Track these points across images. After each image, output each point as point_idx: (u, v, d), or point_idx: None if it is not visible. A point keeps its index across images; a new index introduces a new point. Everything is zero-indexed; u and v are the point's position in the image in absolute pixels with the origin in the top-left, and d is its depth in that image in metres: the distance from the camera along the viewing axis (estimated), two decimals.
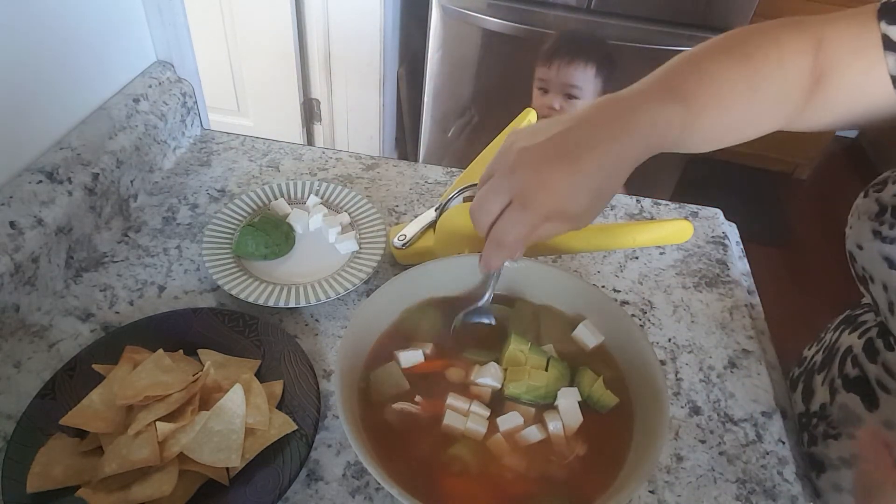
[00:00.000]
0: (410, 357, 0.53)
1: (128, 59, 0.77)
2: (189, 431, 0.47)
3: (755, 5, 1.52)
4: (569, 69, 1.39)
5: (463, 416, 0.49)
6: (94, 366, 0.54)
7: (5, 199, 0.59)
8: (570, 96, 1.41)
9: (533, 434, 0.49)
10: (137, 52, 0.79)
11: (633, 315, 0.68)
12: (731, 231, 0.82)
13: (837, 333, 0.60)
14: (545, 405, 0.51)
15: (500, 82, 1.80)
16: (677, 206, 0.84)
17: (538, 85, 1.45)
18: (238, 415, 0.49)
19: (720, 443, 0.57)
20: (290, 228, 0.70)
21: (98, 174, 0.67)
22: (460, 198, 0.62)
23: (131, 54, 0.78)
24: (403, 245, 0.66)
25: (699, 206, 0.84)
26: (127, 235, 0.71)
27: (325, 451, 0.53)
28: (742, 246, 0.81)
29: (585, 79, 1.41)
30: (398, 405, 0.50)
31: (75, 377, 0.53)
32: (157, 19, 0.77)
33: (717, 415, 0.59)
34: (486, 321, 0.56)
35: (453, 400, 0.50)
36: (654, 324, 0.67)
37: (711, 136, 0.51)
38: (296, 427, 0.51)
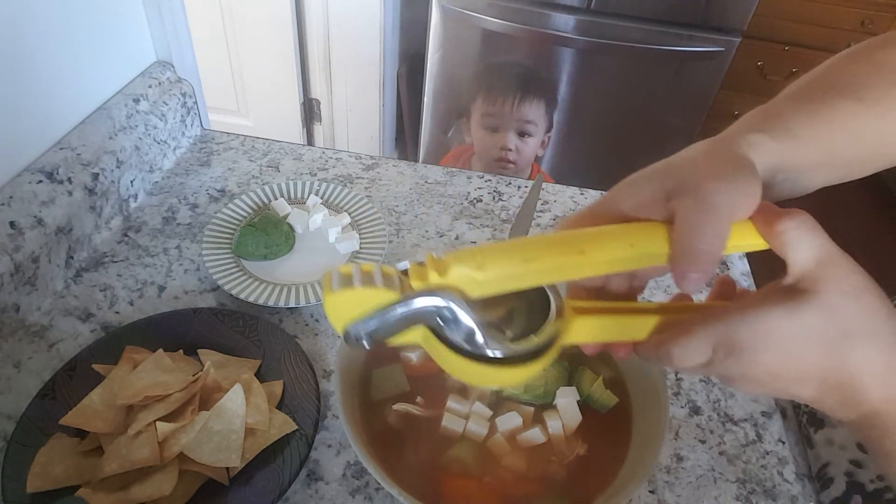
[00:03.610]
0: (414, 357, 0.53)
1: (128, 59, 0.77)
2: (189, 431, 0.47)
3: (755, 5, 1.52)
4: (522, 106, 1.29)
5: (462, 418, 0.49)
6: (94, 366, 0.54)
7: (5, 199, 0.59)
8: (524, 133, 1.31)
9: (533, 435, 0.49)
10: (137, 52, 0.79)
11: None
12: None
13: None
14: (544, 404, 0.51)
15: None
16: None
17: (485, 123, 1.32)
18: (238, 415, 0.49)
19: (720, 443, 0.57)
20: (290, 228, 0.70)
21: (98, 174, 0.67)
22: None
23: (131, 54, 0.77)
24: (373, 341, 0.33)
25: None
26: (127, 235, 0.71)
27: (325, 451, 0.53)
28: None
29: (538, 115, 1.31)
30: (399, 406, 0.50)
31: (75, 377, 0.53)
32: (157, 19, 0.77)
33: (717, 415, 0.59)
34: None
35: (453, 402, 0.50)
36: None
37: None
38: (296, 427, 0.51)
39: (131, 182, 0.73)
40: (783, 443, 0.57)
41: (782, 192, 0.37)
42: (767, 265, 0.40)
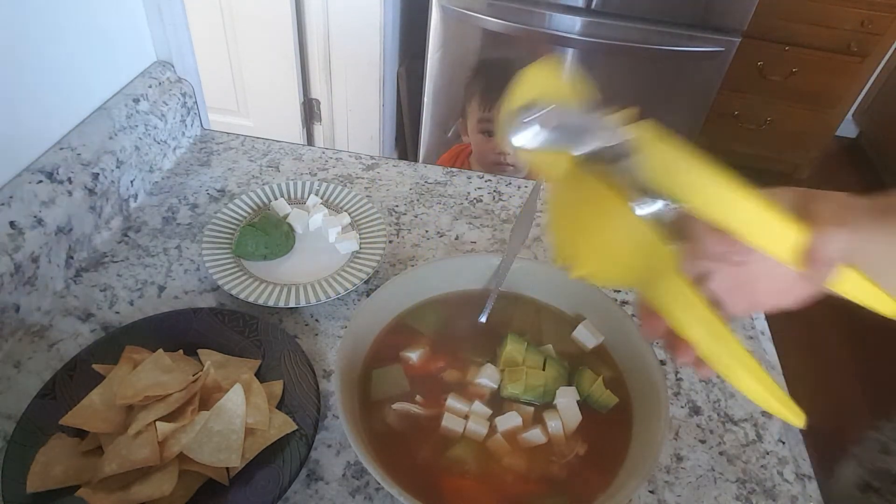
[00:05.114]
0: (414, 357, 0.53)
1: (128, 59, 0.77)
2: (189, 431, 0.47)
3: (755, 5, 1.52)
4: None
5: (462, 417, 0.49)
6: (94, 366, 0.54)
7: (5, 199, 0.59)
8: None
9: (533, 435, 0.49)
10: (137, 52, 0.79)
11: (632, 315, 0.68)
12: None
13: None
14: (544, 404, 0.51)
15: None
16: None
17: (481, 128, 1.30)
18: (238, 415, 0.49)
19: (720, 443, 0.57)
20: (290, 228, 0.70)
21: (98, 174, 0.67)
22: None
23: (131, 54, 0.77)
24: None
25: None
26: (127, 235, 0.71)
27: (325, 451, 0.53)
28: None
29: None
30: (398, 405, 0.50)
31: (75, 377, 0.53)
32: (157, 19, 0.77)
33: (717, 415, 0.59)
34: (480, 319, 0.57)
35: (453, 401, 0.50)
36: None
37: None
38: (296, 427, 0.51)
39: (131, 182, 0.73)
40: (783, 443, 0.57)
41: None
42: None
